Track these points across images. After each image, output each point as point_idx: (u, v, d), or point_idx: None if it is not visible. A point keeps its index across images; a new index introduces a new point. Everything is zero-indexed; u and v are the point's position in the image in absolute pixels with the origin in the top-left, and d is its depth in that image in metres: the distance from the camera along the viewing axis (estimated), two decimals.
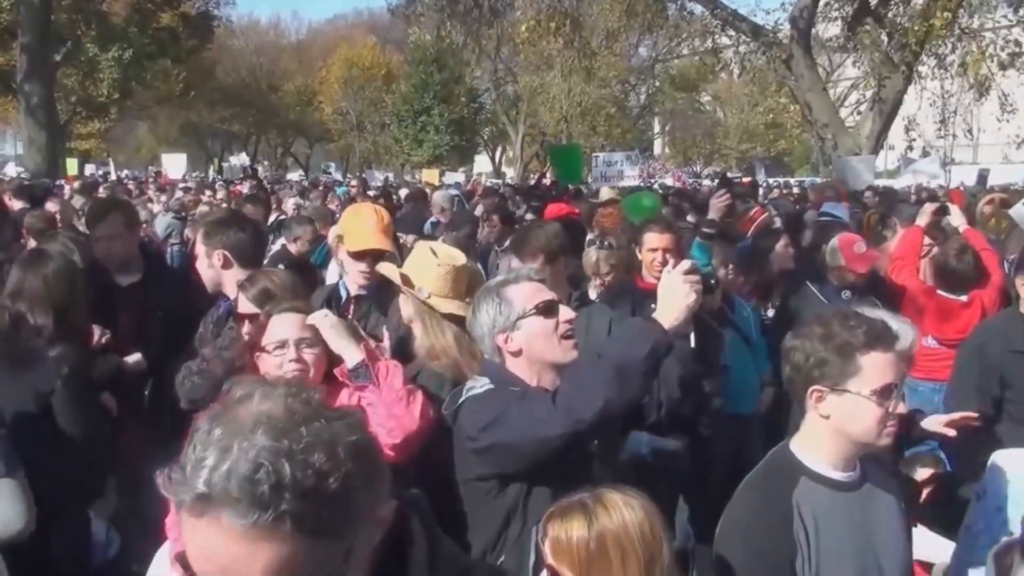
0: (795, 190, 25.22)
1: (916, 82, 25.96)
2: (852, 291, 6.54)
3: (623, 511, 2.47)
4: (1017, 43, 25.91)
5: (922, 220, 7.50)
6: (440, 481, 3.13)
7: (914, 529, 3.45)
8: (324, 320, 3.45)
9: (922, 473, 4.55)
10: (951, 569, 3.37)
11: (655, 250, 5.63)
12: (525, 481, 3.07)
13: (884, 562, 2.75)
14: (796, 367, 2.75)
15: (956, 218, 7.73)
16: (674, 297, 3.00)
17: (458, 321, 3.73)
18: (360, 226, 4.81)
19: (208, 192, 15.56)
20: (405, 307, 3.94)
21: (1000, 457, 3.38)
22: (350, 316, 4.75)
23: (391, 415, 3.24)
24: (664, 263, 5.43)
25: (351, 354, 3.37)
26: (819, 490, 2.72)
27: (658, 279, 5.38)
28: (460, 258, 4.05)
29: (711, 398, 5.49)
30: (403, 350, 3.96)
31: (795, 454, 2.81)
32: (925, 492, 4.46)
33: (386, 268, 4.17)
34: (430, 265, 3.89)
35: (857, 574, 2.69)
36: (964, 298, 6.56)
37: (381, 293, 4.56)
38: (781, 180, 39.60)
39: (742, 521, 2.79)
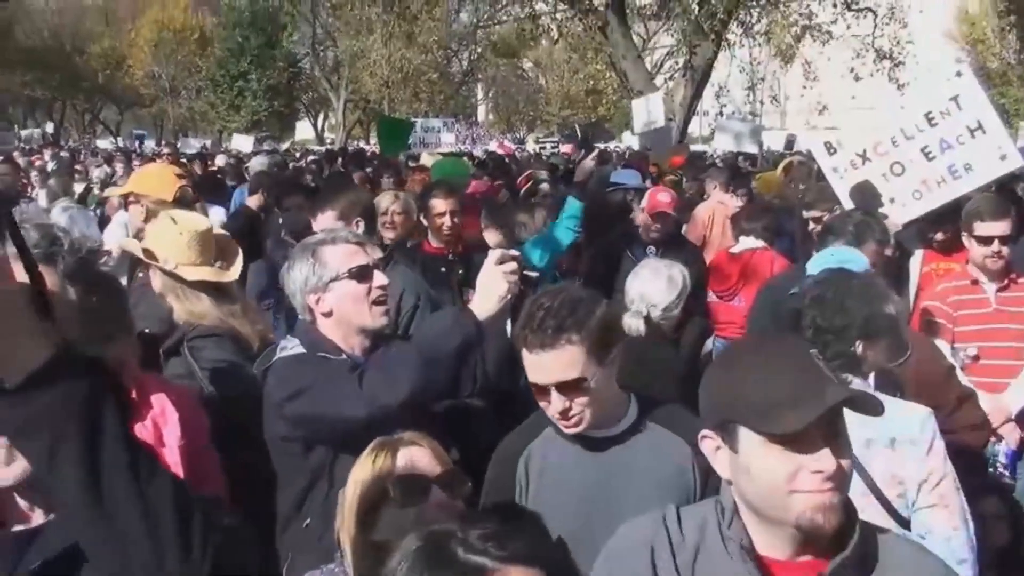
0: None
1: (725, 49, 26.85)
2: (656, 247, 6.82)
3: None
4: (810, 15, 27.18)
5: None
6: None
7: None
8: None
9: None
10: None
11: (443, 214, 5.72)
12: (331, 447, 3.06)
13: (617, 523, 2.35)
14: None
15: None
16: (490, 289, 3.00)
17: (210, 287, 3.71)
18: None
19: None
20: (155, 280, 3.82)
21: None
22: None
23: None
24: (452, 226, 5.69)
25: None
26: (558, 444, 2.77)
27: (446, 242, 5.58)
28: (203, 223, 3.96)
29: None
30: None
31: None
32: None
33: (129, 244, 4.04)
34: (171, 234, 3.78)
35: (576, 528, 2.47)
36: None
37: None
38: (608, 145, 40.12)
39: (494, 455, 2.96)
